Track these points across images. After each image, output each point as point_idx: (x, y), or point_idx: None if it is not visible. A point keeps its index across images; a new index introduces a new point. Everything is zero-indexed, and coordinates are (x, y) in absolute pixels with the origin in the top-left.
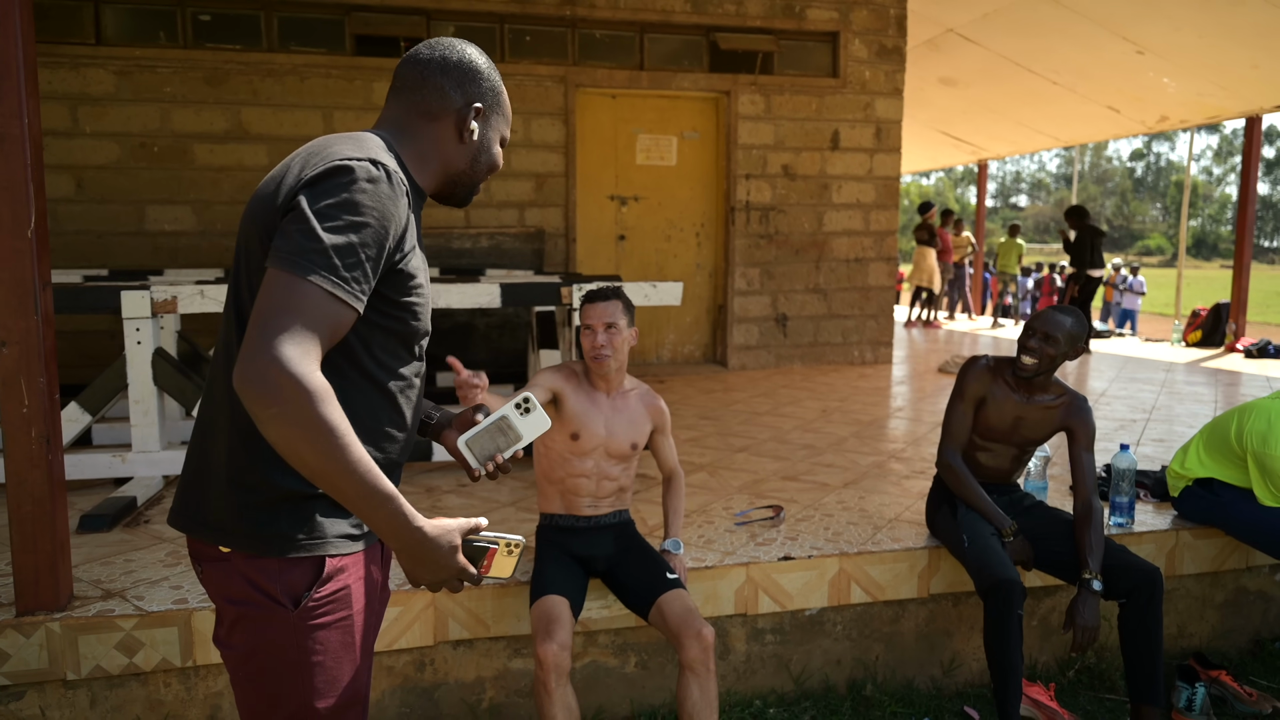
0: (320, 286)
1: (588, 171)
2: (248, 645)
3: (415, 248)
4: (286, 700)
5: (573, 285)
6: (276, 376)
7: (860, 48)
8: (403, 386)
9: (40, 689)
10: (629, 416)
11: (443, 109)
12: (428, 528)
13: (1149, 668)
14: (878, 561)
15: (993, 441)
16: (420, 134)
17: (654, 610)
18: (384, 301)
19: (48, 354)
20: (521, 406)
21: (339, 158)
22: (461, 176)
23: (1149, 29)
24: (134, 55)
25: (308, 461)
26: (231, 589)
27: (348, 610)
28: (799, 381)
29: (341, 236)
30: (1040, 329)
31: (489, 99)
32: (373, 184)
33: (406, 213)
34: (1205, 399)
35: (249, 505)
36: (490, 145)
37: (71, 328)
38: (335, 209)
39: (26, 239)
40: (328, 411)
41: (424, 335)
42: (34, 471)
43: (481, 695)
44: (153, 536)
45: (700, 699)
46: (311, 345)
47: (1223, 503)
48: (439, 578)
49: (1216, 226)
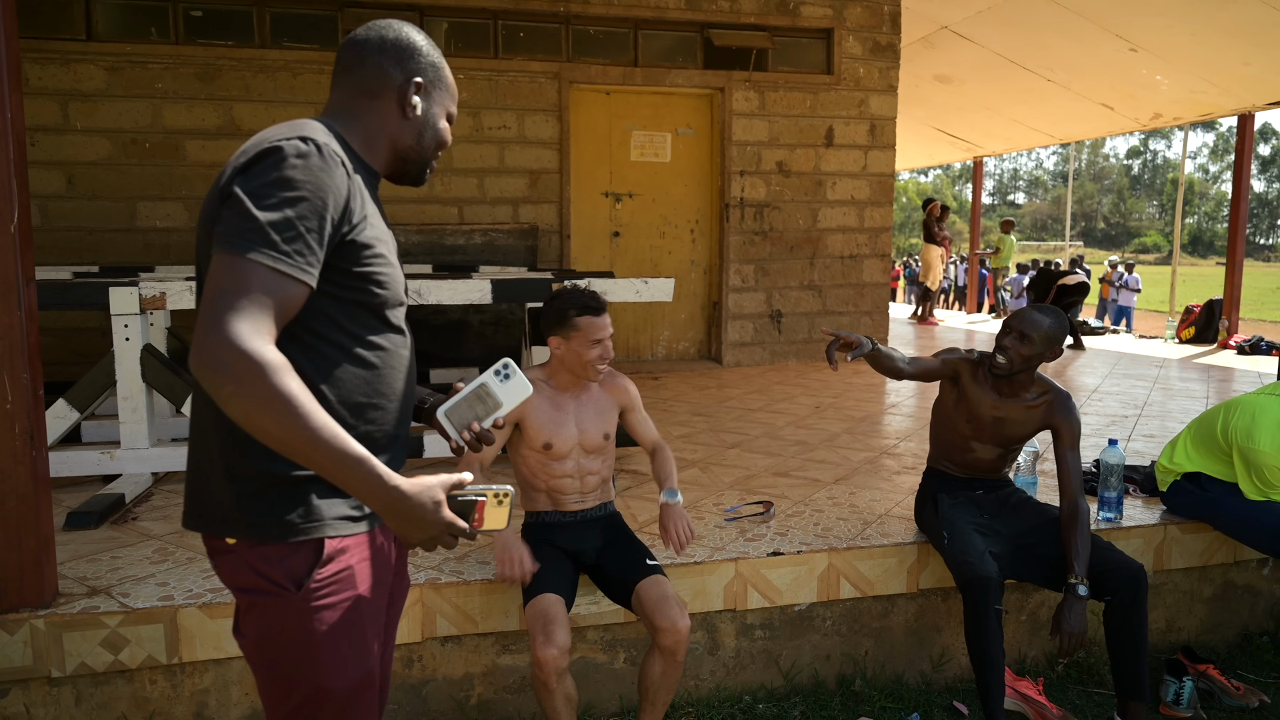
0: (260, 263)
1: (582, 168)
2: (258, 632)
3: (368, 219)
4: (300, 684)
5: (564, 282)
6: (227, 355)
7: (855, 44)
8: (384, 357)
9: (24, 686)
10: (595, 408)
11: (383, 87)
12: (405, 486)
13: (1134, 664)
14: (867, 557)
15: (975, 440)
16: (364, 114)
17: (634, 597)
18: (341, 274)
19: (31, 349)
20: (501, 373)
21: (268, 142)
22: (410, 153)
23: (1142, 26)
24: (125, 51)
25: (271, 433)
26: (240, 578)
27: (352, 591)
28: (793, 378)
29: (276, 212)
30: (1016, 327)
31: (429, 74)
32: (302, 159)
33: (345, 183)
34: (1197, 395)
35: (246, 495)
36: (435, 121)
37: (62, 325)
38: (267, 188)
39: (9, 234)
40: (283, 382)
41: (395, 305)
42: (18, 468)
43: (470, 691)
44: (140, 534)
45: (661, 679)
46: (260, 321)
47: (1210, 497)
48: (428, 534)
49: (1212, 224)
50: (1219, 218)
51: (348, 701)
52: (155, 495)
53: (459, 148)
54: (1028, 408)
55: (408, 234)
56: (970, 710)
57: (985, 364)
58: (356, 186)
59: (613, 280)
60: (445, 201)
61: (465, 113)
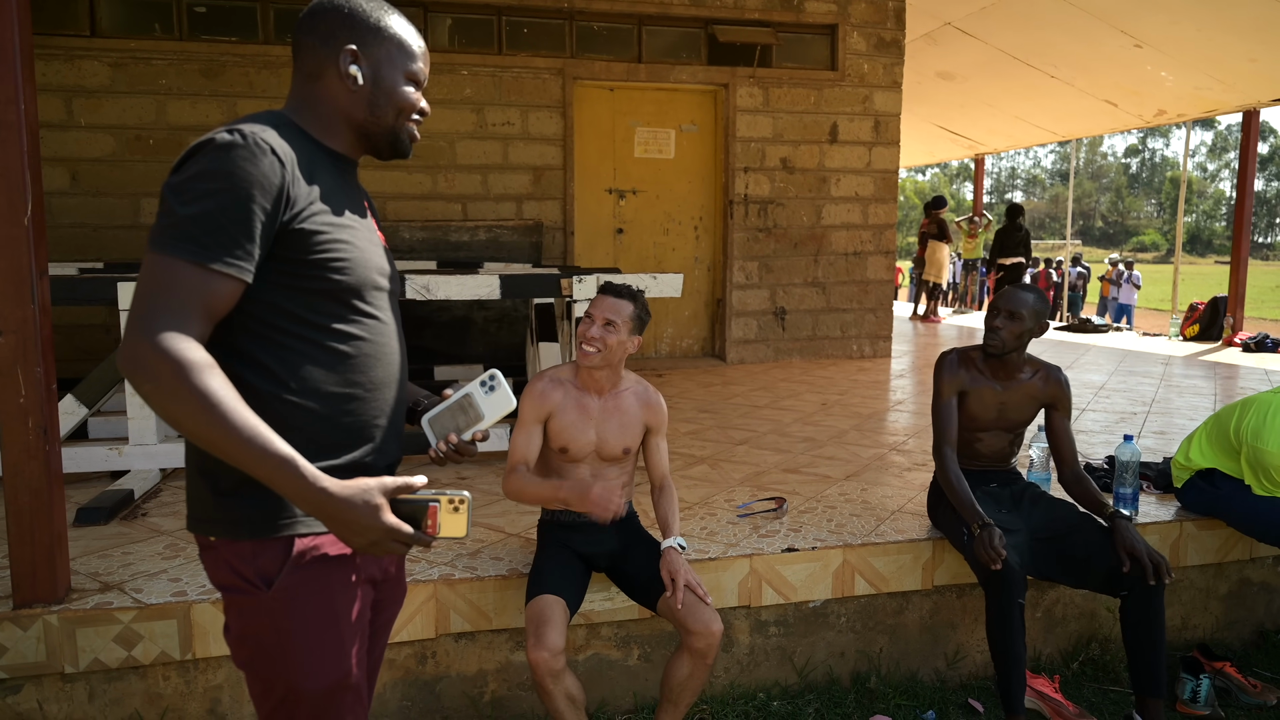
0: (179, 259)
1: (586, 164)
2: (237, 630)
3: (316, 205)
4: (276, 683)
5: (572, 277)
6: (145, 354)
7: (859, 41)
8: (358, 345)
9: (38, 682)
10: (621, 420)
11: (318, 64)
12: (334, 488)
13: (1152, 660)
14: (881, 553)
15: (982, 430)
16: (312, 98)
17: (662, 601)
18: (294, 264)
19: (45, 344)
20: (486, 384)
21: (196, 141)
22: (368, 126)
23: (1147, 22)
24: (129, 47)
25: (191, 431)
26: (220, 576)
27: (325, 589)
28: (798, 375)
29: (196, 207)
30: (1005, 307)
31: (366, 38)
32: (226, 150)
33: (278, 171)
34: (1204, 392)
35: (218, 491)
36: (389, 85)
37: (67, 321)
38: (189, 183)
39: (23, 227)
40: (202, 380)
41: (362, 289)
42: (31, 463)
43: (484, 688)
44: (150, 529)
45: (688, 679)
46: (182, 319)
47: (1223, 495)
48: (367, 539)
49: (1210, 222)
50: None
51: (323, 703)
52: (164, 491)
53: (463, 144)
54: (1026, 388)
55: (411, 230)
56: (986, 708)
57: (977, 356)
58: (295, 174)
59: (622, 275)
60: (449, 198)
61: (469, 109)
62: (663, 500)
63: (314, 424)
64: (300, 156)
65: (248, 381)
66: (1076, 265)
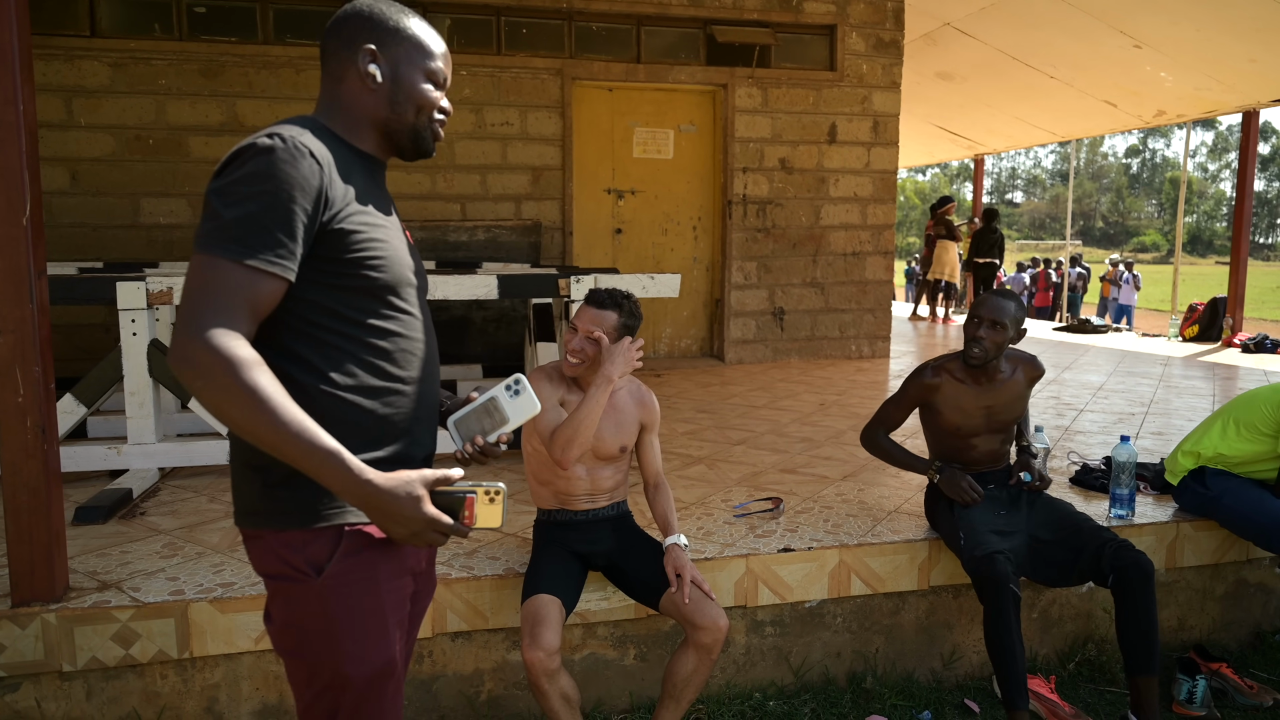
0: (226, 259)
1: (584, 165)
2: (282, 618)
3: (353, 206)
4: (320, 669)
5: (570, 278)
6: (195, 351)
7: (858, 41)
8: (395, 341)
9: (36, 680)
10: (616, 418)
11: (341, 67)
12: (378, 479)
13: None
14: (878, 553)
15: (973, 435)
16: (337, 100)
17: (664, 599)
18: (333, 263)
19: (43, 343)
20: (511, 388)
21: (241, 144)
22: (390, 124)
23: (1146, 23)
24: (129, 47)
25: (239, 425)
26: (267, 565)
27: (373, 579)
28: (796, 375)
29: (240, 209)
30: (987, 317)
31: (385, 38)
32: (267, 154)
33: (317, 173)
34: (1203, 392)
35: (268, 484)
36: (408, 83)
37: (66, 321)
38: (233, 186)
39: (21, 226)
40: (251, 376)
41: (398, 286)
42: (29, 462)
43: (480, 687)
44: (149, 529)
45: (692, 675)
46: (229, 317)
47: (1214, 495)
48: (409, 530)
49: (1211, 223)
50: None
51: (367, 689)
52: (162, 490)
53: (461, 144)
54: (1011, 385)
55: (410, 230)
56: (982, 708)
57: (954, 366)
58: (332, 176)
59: (619, 276)
60: (448, 198)
61: (468, 109)
62: (659, 498)
63: (356, 417)
64: (335, 159)
65: (292, 377)
66: (1076, 266)
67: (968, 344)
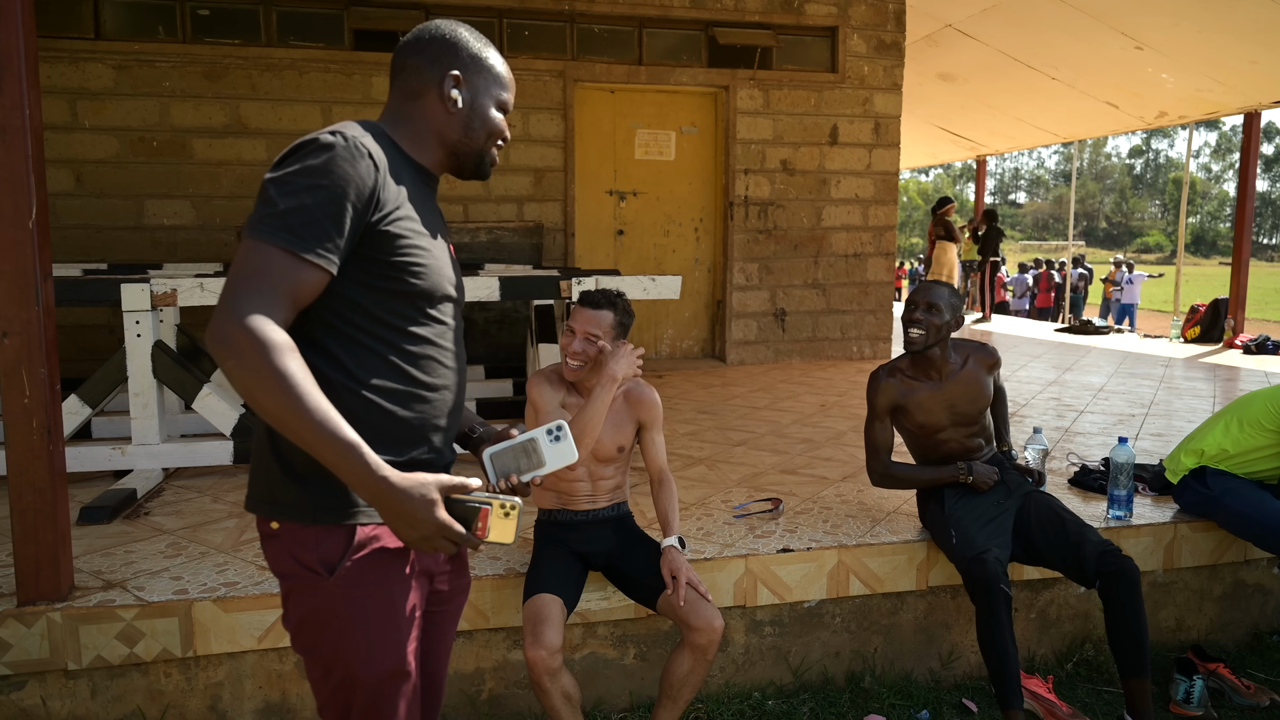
0: (275, 246)
1: (586, 166)
2: (297, 617)
3: (402, 210)
4: (334, 669)
5: (572, 279)
6: (233, 331)
7: (859, 43)
8: (425, 348)
9: (41, 679)
10: (611, 419)
11: (422, 85)
12: (394, 478)
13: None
14: (876, 554)
15: (940, 432)
16: (410, 115)
17: (662, 599)
18: (374, 263)
19: (49, 345)
20: (553, 433)
21: (302, 138)
22: (460, 146)
23: (1148, 24)
24: (133, 50)
25: (266, 409)
26: (281, 564)
27: (384, 579)
28: (797, 376)
29: (294, 199)
30: (922, 300)
31: (468, 66)
32: (327, 150)
33: (372, 174)
34: (1204, 394)
35: (290, 474)
36: (482, 111)
37: (70, 322)
38: (290, 177)
39: (28, 230)
40: (282, 361)
41: (435, 295)
42: (35, 462)
43: (481, 686)
44: (153, 528)
45: (688, 675)
46: (269, 301)
47: (1214, 495)
48: (419, 533)
49: (1214, 224)
50: (1221, 217)
51: (379, 690)
52: (166, 491)
53: None
54: (967, 375)
55: None
56: (980, 708)
57: (904, 364)
58: (386, 179)
59: (620, 277)
60: (450, 199)
61: None
62: (662, 496)
63: (379, 418)
64: (391, 165)
65: (320, 371)
66: (1078, 266)
67: (905, 329)
